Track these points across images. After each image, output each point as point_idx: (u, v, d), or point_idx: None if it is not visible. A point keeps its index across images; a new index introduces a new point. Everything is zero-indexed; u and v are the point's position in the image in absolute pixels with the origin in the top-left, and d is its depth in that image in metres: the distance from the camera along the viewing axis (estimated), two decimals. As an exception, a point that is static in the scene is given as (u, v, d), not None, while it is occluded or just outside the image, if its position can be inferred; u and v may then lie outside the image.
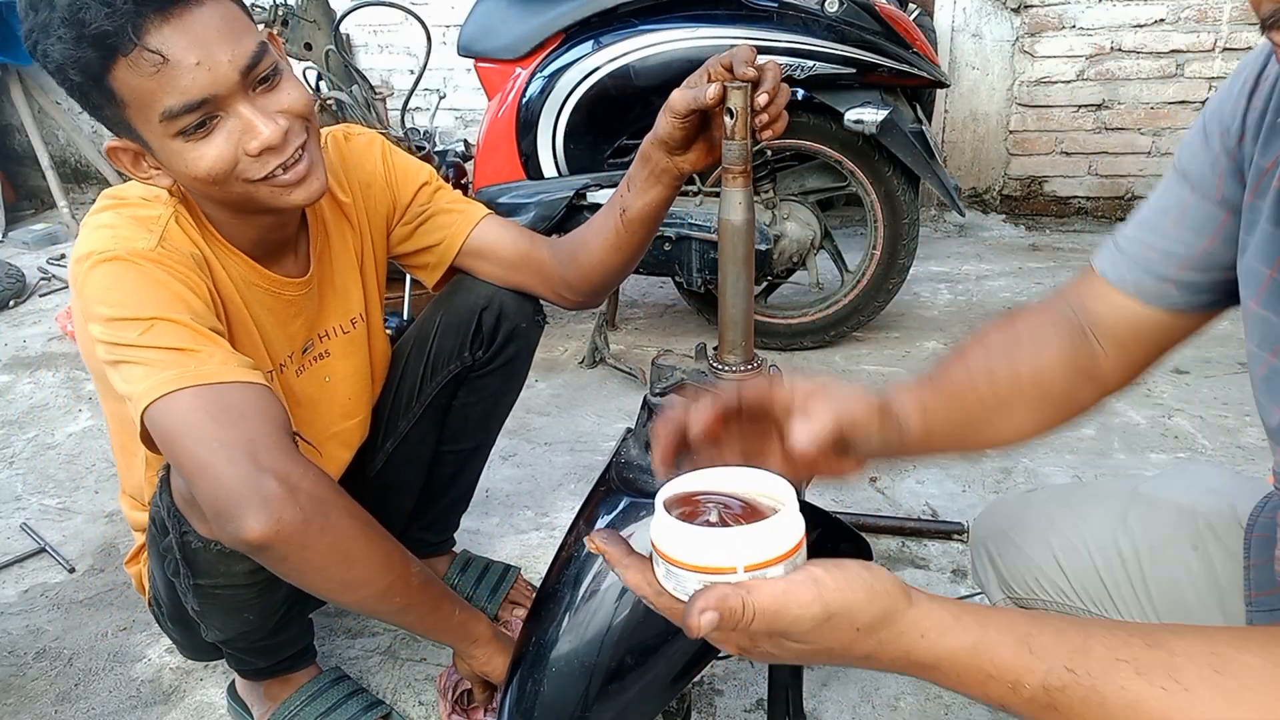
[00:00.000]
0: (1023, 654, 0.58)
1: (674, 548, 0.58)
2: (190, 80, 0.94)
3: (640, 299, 3.27)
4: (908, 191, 2.57)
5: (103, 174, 4.79)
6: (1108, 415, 2.25)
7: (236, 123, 0.99)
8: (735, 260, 0.99)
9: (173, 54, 0.92)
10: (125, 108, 0.96)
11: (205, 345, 1.00)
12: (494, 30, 2.63)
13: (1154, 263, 0.88)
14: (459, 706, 1.35)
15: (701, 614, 0.55)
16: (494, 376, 1.47)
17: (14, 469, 2.29)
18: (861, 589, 0.58)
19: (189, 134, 0.98)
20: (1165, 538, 1.04)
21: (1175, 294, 0.88)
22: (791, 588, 0.57)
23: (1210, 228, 0.84)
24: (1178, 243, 0.86)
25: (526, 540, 1.89)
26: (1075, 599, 1.12)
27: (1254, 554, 0.94)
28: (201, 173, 1.00)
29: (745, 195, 0.96)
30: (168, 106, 0.95)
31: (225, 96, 0.97)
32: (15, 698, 1.53)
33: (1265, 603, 0.91)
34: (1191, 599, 1.00)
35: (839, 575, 0.59)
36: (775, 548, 0.57)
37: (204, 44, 0.94)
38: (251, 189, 1.04)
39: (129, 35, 0.90)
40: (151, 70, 0.92)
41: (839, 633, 0.58)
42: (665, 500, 0.62)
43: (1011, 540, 1.17)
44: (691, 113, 1.00)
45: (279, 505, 0.93)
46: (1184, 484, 1.08)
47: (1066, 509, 1.14)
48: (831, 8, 2.37)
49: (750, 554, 0.57)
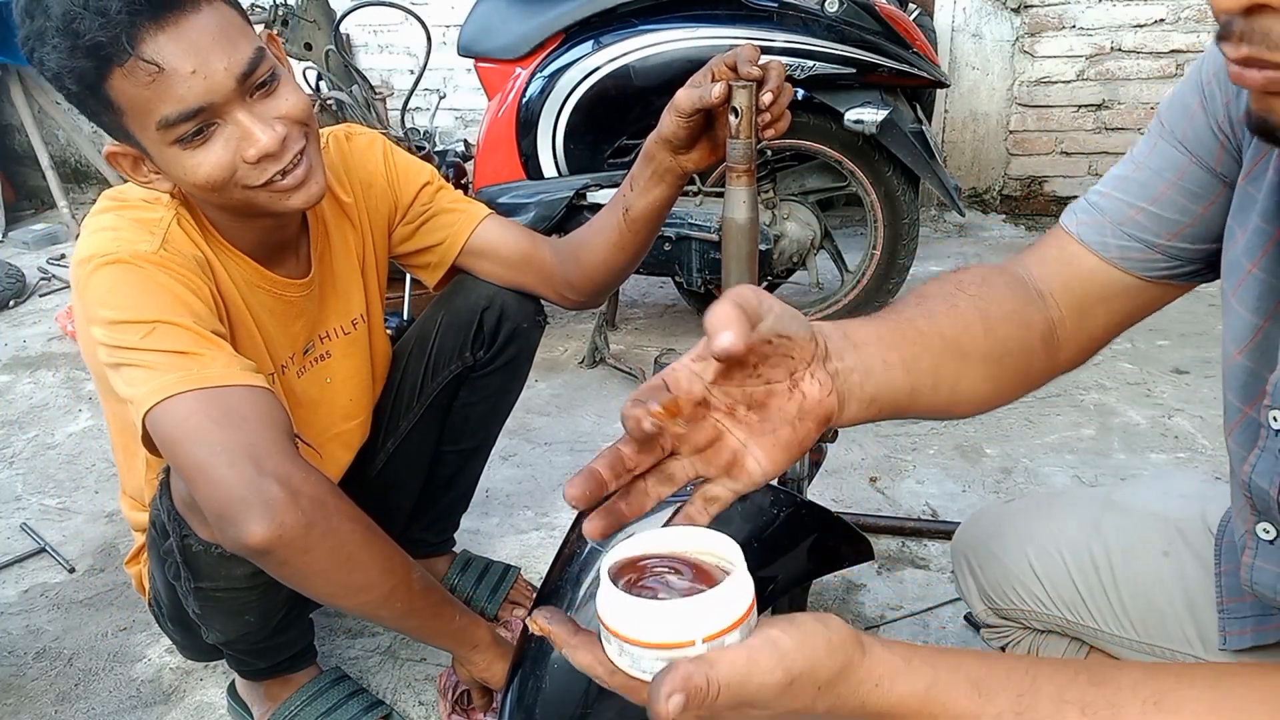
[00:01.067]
0: (973, 697, 0.59)
1: (627, 625, 0.55)
2: (186, 89, 0.93)
3: (640, 299, 3.27)
4: (908, 191, 2.57)
5: (103, 174, 4.79)
6: (1108, 415, 2.25)
7: (234, 130, 0.99)
8: (739, 258, 0.99)
9: (168, 63, 0.92)
10: (123, 115, 0.96)
11: (207, 348, 0.99)
12: (494, 30, 2.63)
13: (1142, 228, 0.82)
14: (459, 707, 1.35)
15: (669, 699, 0.53)
16: (495, 376, 1.47)
17: (14, 469, 2.29)
18: (821, 645, 0.57)
19: (186, 142, 0.97)
20: (1137, 544, 1.04)
21: (1160, 261, 0.83)
22: (753, 655, 0.55)
23: (1209, 194, 0.78)
24: (1171, 208, 0.80)
25: (526, 540, 1.89)
26: (1051, 606, 1.12)
27: (1224, 560, 0.94)
28: (200, 180, 1.00)
29: (749, 194, 0.96)
30: (164, 115, 0.94)
31: (222, 104, 0.97)
32: (15, 698, 1.53)
33: (1237, 609, 0.91)
34: (1163, 604, 1.01)
35: (797, 635, 0.57)
36: (731, 614, 0.55)
37: (199, 52, 0.93)
38: (251, 195, 1.03)
39: (123, 45, 0.89)
40: (147, 80, 0.92)
41: (802, 694, 0.57)
42: (610, 571, 0.58)
43: (990, 550, 1.18)
44: (697, 111, 1.01)
45: (281, 509, 0.93)
46: (1156, 491, 1.09)
47: (1043, 518, 1.15)
48: (831, 8, 2.37)
49: (707, 624, 0.54)
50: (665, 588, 0.58)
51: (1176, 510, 1.04)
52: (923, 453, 2.13)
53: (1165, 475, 1.15)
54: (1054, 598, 1.11)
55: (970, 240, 3.82)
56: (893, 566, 1.73)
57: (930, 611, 1.61)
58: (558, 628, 0.61)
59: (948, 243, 3.79)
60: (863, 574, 1.70)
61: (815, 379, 0.71)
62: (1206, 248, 0.80)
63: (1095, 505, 1.11)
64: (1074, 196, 3.71)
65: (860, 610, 1.62)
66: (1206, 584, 0.96)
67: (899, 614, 1.61)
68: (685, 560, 0.60)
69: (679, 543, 0.61)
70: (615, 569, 0.59)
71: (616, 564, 0.60)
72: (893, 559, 1.75)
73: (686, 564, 0.60)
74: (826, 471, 2.03)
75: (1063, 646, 1.19)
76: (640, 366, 2.59)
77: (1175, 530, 1.02)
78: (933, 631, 1.56)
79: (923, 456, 2.11)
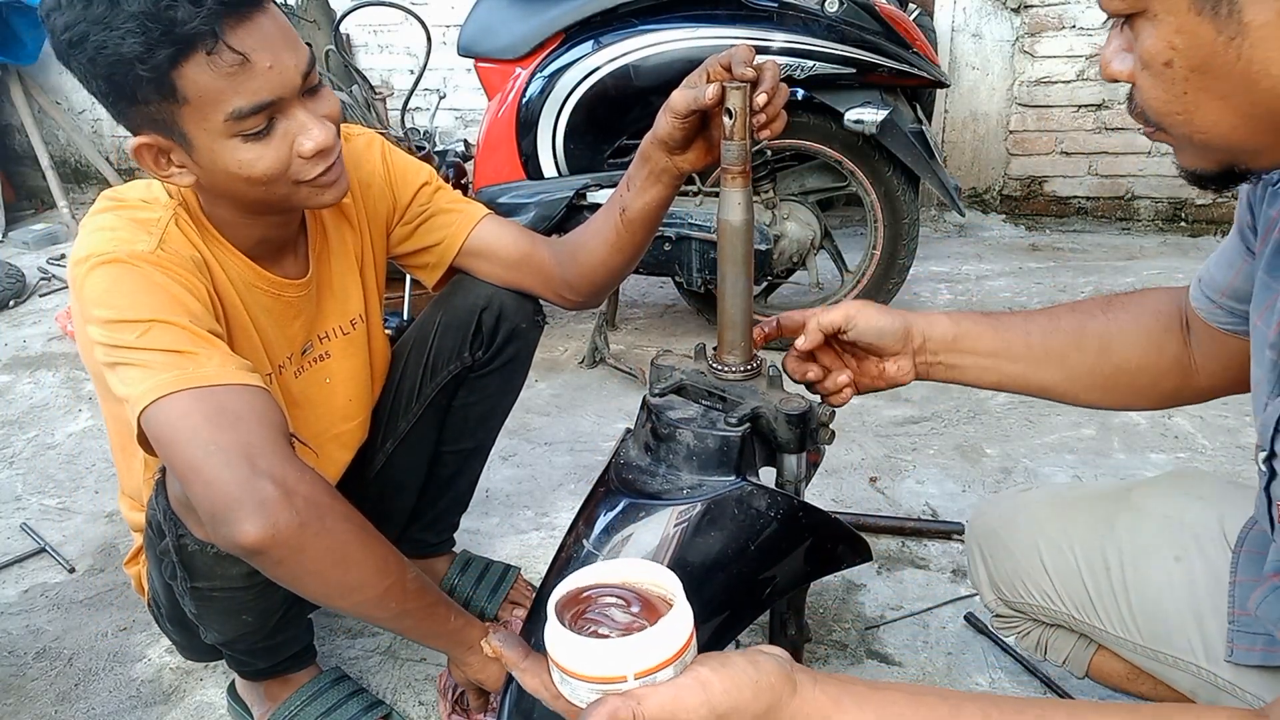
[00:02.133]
0: None
1: (566, 658, 0.60)
2: (262, 82, 0.97)
3: (640, 299, 3.27)
4: (908, 191, 2.57)
5: (102, 174, 4.79)
6: (1107, 415, 2.25)
7: (292, 126, 1.02)
8: (734, 261, 0.99)
9: (251, 54, 0.95)
10: (183, 104, 0.96)
11: (203, 348, 0.99)
12: (494, 30, 2.63)
13: (1208, 285, 0.94)
14: (459, 707, 1.35)
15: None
16: (494, 377, 1.47)
17: (14, 469, 2.29)
18: (748, 687, 0.61)
19: (250, 135, 1.00)
20: (1150, 547, 1.04)
21: (1224, 316, 0.93)
22: (680, 693, 0.59)
23: (1237, 262, 0.89)
24: (1220, 270, 0.92)
25: (526, 540, 1.89)
26: (1059, 603, 1.12)
27: (1240, 571, 0.93)
28: (258, 173, 1.02)
29: (744, 195, 0.96)
30: (237, 107, 0.97)
31: (287, 100, 1.01)
32: (15, 698, 1.53)
33: (1249, 624, 0.91)
34: (1170, 609, 1.00)
35: (725, 676, 0.61)
36: (663, 652, 0.59)
37: (273, 48, 0.98)
38: (295, 189, 1.07)
39: (214, 33, 0.92)
40: (229, 70, 0.95)
41: None
42: (556, 605, 0.63)
43: (1001, 540, 1.17)
44: (691, 113, 1.00)
45: (275, 509, 0.93)
46: (1176, 492, 1.08)
47: (1056, 511, 1.14)
48: (831, 8, 2.37)
49: (639, 661, 0.59)
50: (609, 621, 0.62)
51: (1194, 515, 1.03)
52: (923, 453, 2.13)
53: (1186, 475, 1.14)
54: (1062, 595, 1.11)
55: (970, 240, 3.82)
56: (893, 566, 1.73)
57: (930, 611, 1.61)
58: (510, 651, 0.66)
59: (948, 243, 3.79)
60: (863, 574, 1.70)
61: (899, 365, 1.04)
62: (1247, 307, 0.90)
63: (1112, 503, 1.10)
64: (1074, 196, 3.71)
65: (860, 610, 1.62)
66: (1216, 593, 0.95)
67: (899, 614, 1.60)
68: (634, 590, 0.65)
69: (623, 573, 0.66)
70: (564, 600, 0.64)
71: (566, 595, 0.65)
72: (893, 559, 1.75)
73: (634, 594, 0.64)
74: (826, 471, 2.03)
75: (1071, 641, 1.19)
76: (640, 367, 2.59)
77: (1191, 536, 1.01)
78: (933, 631, 1.56)
79: (923, 456, 2.11)
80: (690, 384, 1.06)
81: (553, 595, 0.64)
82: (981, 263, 3.52)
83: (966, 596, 1.63)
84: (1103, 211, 3.92)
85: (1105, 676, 1.19)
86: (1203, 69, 0.59)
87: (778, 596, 1.07)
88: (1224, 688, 0.95)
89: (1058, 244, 3.71)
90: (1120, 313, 1.02)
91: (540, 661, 0.64)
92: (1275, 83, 0.57)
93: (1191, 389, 1.01)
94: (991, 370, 1.03)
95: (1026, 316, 1.05)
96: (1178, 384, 1.00)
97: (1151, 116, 0.65)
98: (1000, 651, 1.50)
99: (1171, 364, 1.00)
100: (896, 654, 1.52)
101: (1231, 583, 0.94)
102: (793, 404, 0.99)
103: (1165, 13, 0.59)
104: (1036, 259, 3.54)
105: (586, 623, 0.63)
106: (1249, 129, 0.61)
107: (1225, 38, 0.57)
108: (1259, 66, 0.57)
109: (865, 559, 1.06)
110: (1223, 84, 0.59)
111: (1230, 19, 0.57)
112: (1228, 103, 0.60)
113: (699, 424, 0.99)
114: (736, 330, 1.02)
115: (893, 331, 1.01)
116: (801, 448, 1.01)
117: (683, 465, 0.99)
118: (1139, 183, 3.83)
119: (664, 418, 1.00)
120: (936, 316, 1.05)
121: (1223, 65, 0.58)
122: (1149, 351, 1.00)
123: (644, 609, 0.63)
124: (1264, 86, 0.58)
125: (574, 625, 0.62)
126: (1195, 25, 0.58)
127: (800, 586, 1.19)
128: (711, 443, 0.97)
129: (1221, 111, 0.61)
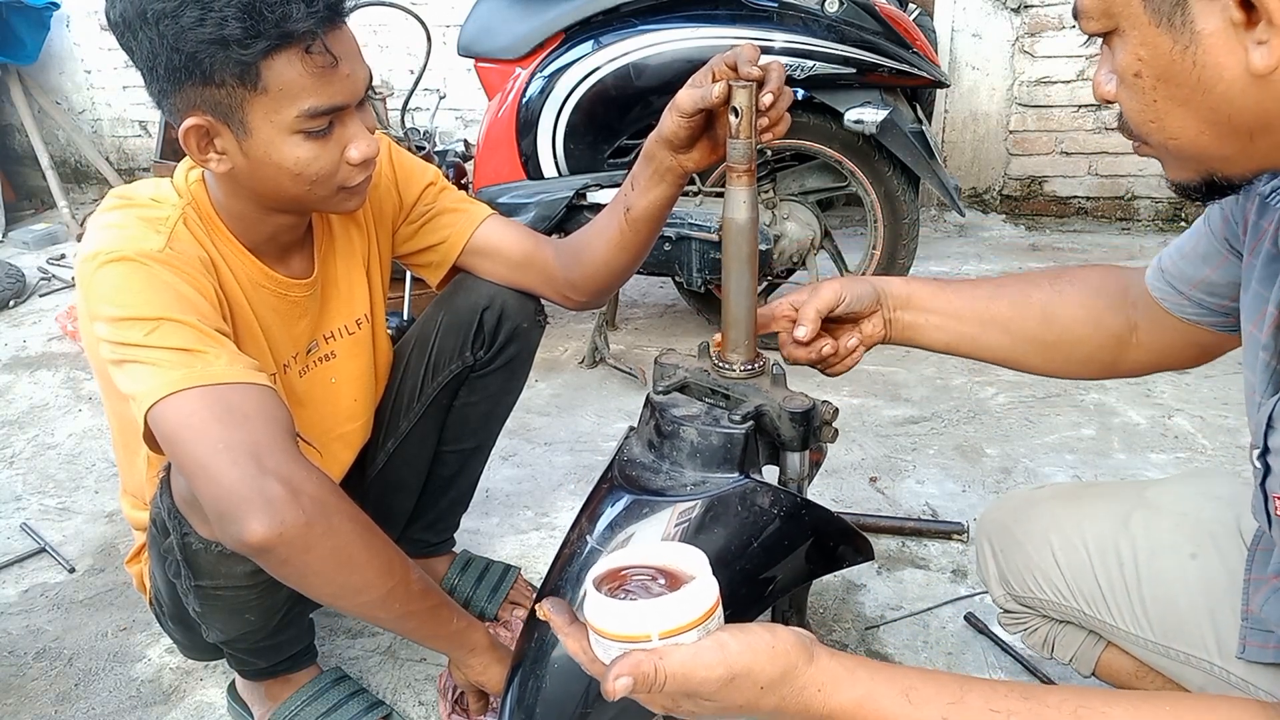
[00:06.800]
0: (904, 705, 0.66)
1: (598, 619, 0.66)
2: (339, 86, 1.03)
3: (640, 299, 3.27)
4: (908, 191, 2.57)
5: (102, 174, 4.79)
6: (1108, 415, 2.25)
7: (347, 133, 1.07)
8: (739, 259, 0.99)
9: (340, 59, 1.01)
10: (259, 94, 0.99)
11: (211, 346, 1.00)
12: (494, 30, 2.63)
13: (1174, 276, 0.98)
14: (459, 707, 1.35)
15: (617, 679, 0.63)
16: (495, 376, 1.47)
17: (14, 469, 2.29)
18: (763, 651, 0.66)
19: (313, 134, 1.03)
20: (1165, 544, 1.04)
21: (1191, 308, 0.98)
22: (699, 652, 0.64)
23: (1214, 259, 0.93)
24: (1191, 264, 0.96)
25: (526, 540, 1.89)
26: (1071, 598, 1.12)
27: (1255, 569, 0.94)
28: (311, 172, 1.05)
29: (750, 194, 0.96)
30: (312, 105, 1.01)
31: (351, 108, 1.06)
32: (15, 698, 1.53)
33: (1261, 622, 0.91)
34: (1184, 606, 1.00)
35: (743, 639, 0.66)
36: (686, 615, 0.65)
37: (351, 57, 1.04)
38: (332, 193, 1.10)
39: (318, 33, 0.98)
40: (318, 68, 0.99)
41: (744, 691, 0.65)
42: (595, 578, 0.70)
43: (1013, 535, 1.17)
44: (698, 111, 1.01)
45: (281, 508, 0.93)
46: (1192, 490, 1.09)
47: (1070, 508, 1.14)
48: (831, 8, 2.37)
49: (663, 622, 0.65)
50: (641, 594, 0.68)
51: (1210, 513, 1.04)
52: (923, 453, 2.13)
53: (1203, 474, 1.15)
54: (1074, 589, 1.11)
55: (970, 240, 3.82)
56: (893, 566, 1.73)
57: (930, 611, 1.61)
58: (557, 615, 0.72)
59: (948, 243, 3.79)
60: (863, 574, 1.70)
61: (872, 324, 1.13)
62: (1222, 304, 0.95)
63: (1127, 500, 1.11)
64: (1074, 196, 3.71)
65: (860, 610, 1.62)
66: (1231, 590, 0.96)
67: (899, 614, 1.61)
68: (664, 570, 0.71)
69: (656, 556, 0.72)
70: (603, 576, 0.70)
71: (605, 571, 0.71)
72: (893, 559, 1.75)
73: (665, 573, 0.71)
74: (826, 471, 2.03)
75: (1080, 638, 1.19)
76: (640, 366, 2.59)
77: (1207, 534, 1.02)
78: (933, 631, 1.56)
79: (923, 456, 2.11)
80: (694, 382, 1.06)
81: (592, 571, 0.71)
82: (981, 263, 3.52)
83: (966, 596, 1.63)
84: (1103, 211, 3.92)
85: (1112, 675, 1.19)
86: (1165, 78, 0.64)
87: (780, 594, 1.07)
88: (1236, 684, 0.95)
89: (1058, 244, 3.72)
90: (1066, 286, 1.09)
91: (582, 630, 0.69)
92: (1228, 87, 0.61)
93: (1128, 362, 1.08)
94: (943, 330, 1.12)
95: (975, 283, 1.14)
96: (1114, 357, 1.08)
97: (1133, 129, 0.70)
98: (1000, 651, 1.50)
99: (1109, 339, 1.07)
100: (896, 654, 1.52)
101: (1246, 580, 0.94)
102: (796, 402, 0.99)
103: (1130, 28, 0.64)
104: (1036, 259, 3.54)
105: (622, 594, 0.68)
106: (1213, 134, 0.65)
107: (1180, 47, 0.62)
108: (1212, 72, 0.61)
109: (867, 558, 1.06)
110: (1183, 91, 0.64)
111: (1184, 29, 0.61)
112: (1190, 109, 0.64)
113: (703, 421, 0.99)
114: (740, 329, 1.02)
115: (869, 294, 1.11)
116: (805, 445, 1.01)
117: (686, 462, 0.99)
118: (1139, 183, 3.83)
119: (668, 415, 1.00)
120: (891, 278, 1.15)
121: (1181, 73, 0.63)
122: (1088, 324, 1.07)
123: (671, 585, 0.69)
124: (1218, 91, 0.62)
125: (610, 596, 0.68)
126: (1155, 37, 0.63)
127: (802, 585, 1.19)
128: (715, 440, 0.97)
129: (1186, 118, 0.65)
